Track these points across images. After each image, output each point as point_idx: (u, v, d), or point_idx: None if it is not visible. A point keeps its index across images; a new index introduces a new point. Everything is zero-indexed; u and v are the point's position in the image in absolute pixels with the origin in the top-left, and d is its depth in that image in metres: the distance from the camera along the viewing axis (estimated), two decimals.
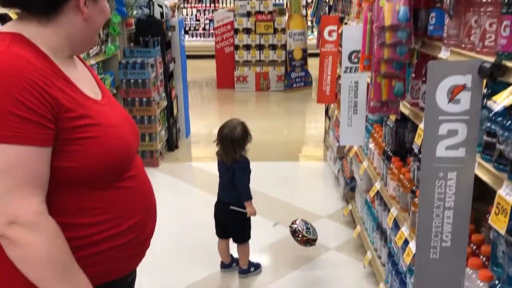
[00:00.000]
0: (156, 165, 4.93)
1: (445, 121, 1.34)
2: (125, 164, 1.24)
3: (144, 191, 1.33)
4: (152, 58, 4.88)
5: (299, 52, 8.57)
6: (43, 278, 1.08)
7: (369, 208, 3.09)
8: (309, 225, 3.11)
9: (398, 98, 2.10)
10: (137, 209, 1.27)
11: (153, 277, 2.95)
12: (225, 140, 2.86)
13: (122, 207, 1.23)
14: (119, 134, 1.22)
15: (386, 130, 2.65)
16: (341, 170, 4.16)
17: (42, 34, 1.16)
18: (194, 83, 9.66)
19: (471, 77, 1.30)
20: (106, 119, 1.21)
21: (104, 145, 1.16)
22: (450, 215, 1.41)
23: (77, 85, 1.19)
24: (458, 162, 1.37)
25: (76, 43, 1.22)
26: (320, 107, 6.31)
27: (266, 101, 8.34)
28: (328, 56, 3.83)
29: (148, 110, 4.84)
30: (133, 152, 1.29)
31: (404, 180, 2.26)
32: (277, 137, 6.14)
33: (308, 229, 3.06)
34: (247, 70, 8.67)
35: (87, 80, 1.30)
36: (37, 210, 1.06)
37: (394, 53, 1.96)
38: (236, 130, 2.86)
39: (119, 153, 1.20)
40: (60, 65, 1.17)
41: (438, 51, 1.76)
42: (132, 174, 1.28)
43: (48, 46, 1.16)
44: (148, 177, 1.39)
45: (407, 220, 2.18)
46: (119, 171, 1.22)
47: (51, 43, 1.17)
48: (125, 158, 1.24)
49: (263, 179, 4.46)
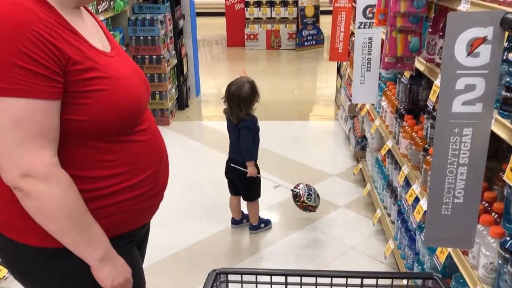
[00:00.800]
0: (166, 124, 4.94)
1: (463, 76, 1.30)
2: (136, 117, 1.23)
3: (156, 144, 1.32)
4: (161, 14, 4.79)
5: (311, 9, 8.35)
6: (57, 229, 1.10)
7: (379, 167, 3.09)
8: (312, 191, 3.07)
9: (413, 53, 2.05)
10: (150, 162, 1.28)
11: (166, 231, 3.02)
12: (232, 98, 2.84)
13: (134, 160, 1.23)
14: (129, 87, 1.20)
15: (399, 87, 2.60)
16: (352, 129, 4.13)
17: None
18: (204, 41, 9.52)
19: (492, 29, 1.24)
20: (115, 72, 1.18)
21: (113, 98, 1.15)
22: (464, 171, 1.39)
23: (85, 37, 1.16)
24: (475, 117, 1.34)
25: None
26: (332, 66, 6.21)
27: (277, 59, 8.22)
28: (341, 12, 3.72)
29: (158, 68, 4.80)
30: (144, 105, 1.28)
31: (417, 138, 2.23)
32: (288, 96, 6.09)
33: (309, 195, 3.04)
34: (258, 28, 8.50)
35: (96, 31, 1.27)
36: (49, 163, 1.06)
37: (411, 6, 1.89)
38: (244, 88, 2.83)
39: (129, 105, 1.19)
40: (66, 17, 1.14)
41: (457, 4, 1.69)
42: (144, 127, 1.27)
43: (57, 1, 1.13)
44: (159, 130, 1.39)
45: (419, 178, 2.18)
46: (130, 124, 1.21)
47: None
48: (136, 111, 1.22)
49: (273, 138, 4.47)
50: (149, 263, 1.97)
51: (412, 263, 2.30)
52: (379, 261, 2.80)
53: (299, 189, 3.05)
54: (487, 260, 1.50)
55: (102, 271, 1.16)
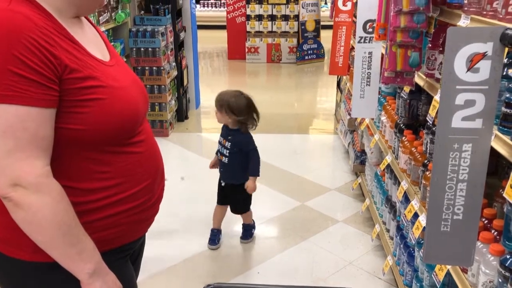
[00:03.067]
0: (165, 135, 4.93)
1: (463, 91, 1.29)
2: (133, 128, 1.22)
3: (152, 156, 1.31)
4: (162, 26, 4.81)
5: (312, 24, 8.41)
6: (46, 241, 1.08)
7: (378, 181, 3.07)
8: None
9: (413, 68, 2.05)
10: (145, 174, 1.26)
11: (161, 244, 2.98)
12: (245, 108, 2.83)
13: (130, 171, 1.21)
14: (127, 97, 1.19)
15: (399, 102, 2.60)
16: (351, 143, 4.12)
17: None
18: (205, 53, 9.56)
19: (492, 44, 1.24)
20: (114, 81, 1.17)
21: (111, 108, 1.13)
22: (463, 187, 1.38)
23: (84, 45, 1.15)
24: (474, 133, 1.33)
25: (81, 2, 1.18)
26: (332, 80, 6.23)
27: (277, 73, 8.25)
28: (341, 27, 3.74)
29: (158, 79, 4.80)
30: (141, 116, 1.27)
31: (416, 153, 2.22)
32: (288, 110, 6.09)
33: None
34: (259, 41, 8.55)
35: (95, 41, 1.27)
36: (40, 172, 1.04)
37: (411, 21, 1.89)
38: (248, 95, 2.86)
39: (126, 116, 1.17)
40: (65, 25, 1.13)
41: (457, 19, 1.69)
42: (141, 139, 1.25)
43: (52, 5, 1.12)
44: (156, 142, 1.37)
45: (418, 194, 2.16)
46: (126, 135, 1.20)
47: (55, 2, 1.13)
48: (133, 121, 1.21)
49: (273, 151, 4.45)
50: (144, 277, 1.94)
51: (410, 280, 2.27)
52: (377, 277, 2.76)
53: None
54: (487, 278, 1.48)
55: (92, 286, 1.13)
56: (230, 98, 2.84)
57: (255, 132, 2.95)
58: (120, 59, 1.34)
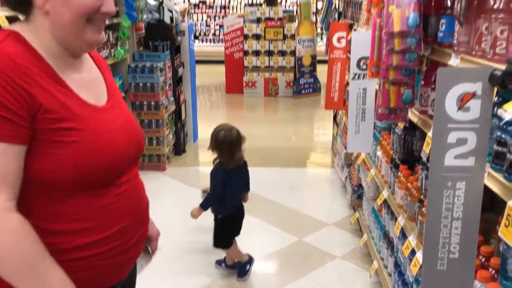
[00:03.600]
0: (163, 169, 4.92)
1: (454, 129, 1.31)
2: (110, 173, 1.20)
3: (133, 198, 1.28)
4: (161, 62, 4.89)
5: (308, 59, 8.55)
6: (8, 275, 1.07)
7: (376, 217, 3.05)
8: None
9: (406, 105, 2.07)
10: (121, 217, 1.23)
11: (158, 280, 2.93)
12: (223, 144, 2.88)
13: (103, 215, 1.19)
14: (109, 142, 1.18)
15: (394, 137, 2.62)
16: (348, 177, 4.12)
17: (33, 32, 1.14)
18: (203, 87, 9.68)
19: (481, 84, 1.27)
20: (98, 125, 1.17)
21: (86, 152, 1.12)
22: (458, 225, 1.38)
23: (72, 87, 1.16)
24: (467, 171, 1.33)
25: (60, 40, 1.16)
26: (329, 113, 6.28)
27: (275, 106, 8.33)
28: (336, 63, 3.81)
29: (156, 114, 4.84)
30: (124, 162, 1.24)
31: (412, 189, 2.22)
32: (285, 143, 6.11)
33: None
34: (256, 76, 8.67)
35: (92, 84, 1.27)
36: (3, 207, 1.04)
37: (403, 59, 1.93)
38: (233, 132, 2.89)
39: (103, 161, 1.16)
40: (56, 65, 1.14)
41: (448, 58, 1.73)
42: (121, 181, 1.23)
43: (41, 45, 1.14)
44: (140, 182, 1.35)
45: (414, 230, 2.15)
46: (102, 179, 1.18)
47: (42, 41, 1.14)
48: (112, 167, 1.19)
49: (270, 185, 4.44)
50: None
51: None
52: None
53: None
54: None
55: None
56: (215, 129, 2.95)
57: (253, 165, 2.96)
58: (119, 100, 1.34)
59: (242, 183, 3.04)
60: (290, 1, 12.90)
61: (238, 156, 2.92)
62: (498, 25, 1.40)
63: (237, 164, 2.93)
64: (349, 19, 4.37)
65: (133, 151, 1.30)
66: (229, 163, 2.90)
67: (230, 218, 3.02)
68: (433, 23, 1.94)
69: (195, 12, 13.18)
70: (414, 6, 1.85)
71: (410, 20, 1.84)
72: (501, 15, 1.40)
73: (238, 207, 3.04)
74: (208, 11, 13.26)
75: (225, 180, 2.91)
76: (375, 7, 2.13)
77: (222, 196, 2.91)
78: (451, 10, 1.74)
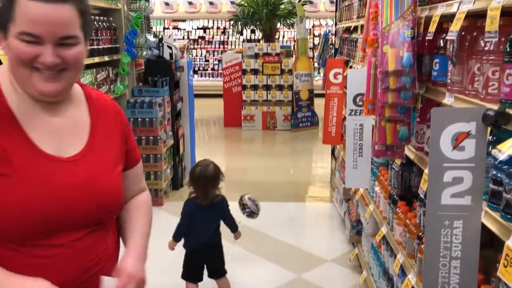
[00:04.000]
0: (160, 204, 4.90)
1: (450, 168, 1.32)
2: (37, 229, 1.11)
3: (70, 263, 1.16)
4: (160, 97, 4.94)
5: (305, 93, 8.66)
6: None
7: (375, 253, 3.02)
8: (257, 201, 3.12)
9: (403, 142, 2.09)
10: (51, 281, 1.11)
11: None
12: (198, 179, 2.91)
13: (24, 272, 1.10)
14: (48, 198, 1.11)
15: (391, 173, 2.62)
16: (347, 212, 4.10)
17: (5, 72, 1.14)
18: (201, 121, 9.74)
19: (475, 124, 1.29)
20: (37, 176, 1.11)
21: (11, 204, 1.07)
22: (457, 265, 1.37)
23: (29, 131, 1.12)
24: (464, 210, 1.34)
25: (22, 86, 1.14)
26: (327, 147, 6.30)
27: (273, 140, 8.36)
28: (333, 98, 3.86)
29: (155, 148, 4.86)
30: (61, 221, 1.14)
31: (411, 226, 2.21)
32: (284, 177, 6.10)
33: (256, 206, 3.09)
34: (254, 110, 8.75)
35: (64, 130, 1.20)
36: None
37: (398, 97, 1.96)
38: (209, 168, 2.92)
39: (29, 216, 1.09)
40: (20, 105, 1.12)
41: (442, 97, 1.76)
42: (55, 243, 1.14)
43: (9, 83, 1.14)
44: (91, 245, 1.22)
45: (414, 267, 2.12)
46: (25, 235, 1.10)
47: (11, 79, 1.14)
48: (39, 223, 1.10)
49: (268, 220, 4.40)
50: None
51: None
52: None
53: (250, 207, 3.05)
54: None
55: None
56: (194, 164, 3.05)
57: None
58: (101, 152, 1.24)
59: (214, 221, 2.99)
60: (288, 37, 13.16)
61: (212, 193, 2.92)
62: (490, 66, 1.43)
63: (210, 201, 2.92)
64: (345, 56, 4.46)
65: (87, 211, 1.19)
66: (202, 199, 2.91)
67: (194, 254, 3.00)
68: (427, 62, 1.98)
69: (194, 48, 13.42)
70: (408, 46, 1.89)
71: (404, 59, 1.88)
72: (492, 56, 1.43)
73: (206, 246, 2.97)
74: (207, 46, 13.51)
75: (192, 214, 2.95)
76: (369, 46, 2.18)
77: (188, 229, 2.95)
78: (444, 50, 1.78)
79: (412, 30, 1.88)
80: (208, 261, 3.02)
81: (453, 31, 1.53)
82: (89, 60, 3.80)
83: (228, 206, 3.00)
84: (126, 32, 4.69)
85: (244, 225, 3.13)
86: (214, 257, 3.02)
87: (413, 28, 1.88)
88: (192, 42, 13.29)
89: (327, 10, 12.57)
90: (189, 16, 13.23)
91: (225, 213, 2.99)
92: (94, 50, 3.97)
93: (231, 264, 3.14)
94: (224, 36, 13.45)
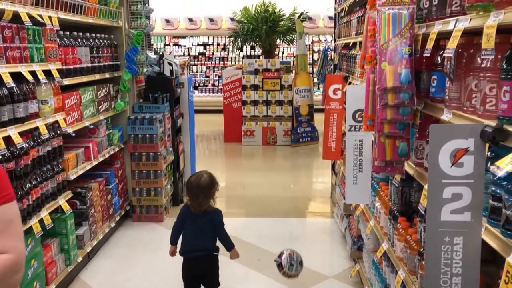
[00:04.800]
0: (160, 220, 4.88)
1: (449, 185, 1.33)
2: None
3: None
4: (160, 113, 4.97)
5: (305, 108, 8.69)
6: None
7: (376, 269, 3.00)
8: (294, 260, 3.03)
9: (402, 158, 2.10)
10: None
11: None
12: (191, 188, 2.99)
13: None
14: None
15: (392, 189, 2.62)
16: (348, 228, 4.08)
17: None
18: (202, 136, 9.76)
19: (473, 141, 1.30)
20: None
21: None
22: (458, 282, 1.36)
23: None
24: (464, 226, 1.34)
25: None
26: (327, 162, 6.30)
27: (273, 155, 8.37)
28: (333, 114, 3.87)
29: (155, 164, 4.86)
30: None
31: (411, 241, 2.20)
32: (284, 192, 6.09)
33: (291, 265, 3.01)
34: (254, 125, 8.77)
35: None
36: None
37: (397, 113, 1.98)
38: (203, 178, 3.00)
39: None
40: None
41: (440, 113, 1.77)
42: None
43: None
44: None
45: (415, 284, 2.11)
46: None
47: None
48: None
49: (269, 235, 4.38)
50: None
51: None
52: None
53: (282, 260, 3.01)
54: None
55: None
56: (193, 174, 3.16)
57: (251, 215, 2.95)
58: None
59: (205, 229, 2.99)
60: (287, 53, 13.26)
61: (204, 203, 2.96)
62: (487, 83, 1.44)
63: (201, 209, 2.97)
64: (345, 72, 4.49)
65: None
66: (194, 207, 2.99)
67: (187, 262, 3.05)
68: (425, 78, 2.00)
69: (195, 64, 13.52)
70: (406, 62, 1.91)
71: (402, 76, 1.89)
72: (489, 73, 1.45)
73: (199, 255, 2.99)
74: (207, 62, 13.61)
75: (185, 217, 3.04)
76: (368, 63, 2.20)
77: (181, 230, 3.04)
78: (442, 67, 1.80)
79: (410, 47, 1.91)
80: (201, 272, 3.03)
81: (450, 49, 1.54)
82: (90, 77, 3.83)
83: (221, 220, 3.02)
84: (127, 49, 4.73)
85: (242, 240, 3.11)
86: (207, 268, 3.02)
87: (410, 45, 1.91)
88: (192, 58, 13.39)
89: (326, 26, 12.70)
90: (190, 32, 13.37)
91: (217, 225, 3.01)
92: (95, 67, 4.01)
93: (230, 279, 3.12)
94: (224, 52, 13.56)
